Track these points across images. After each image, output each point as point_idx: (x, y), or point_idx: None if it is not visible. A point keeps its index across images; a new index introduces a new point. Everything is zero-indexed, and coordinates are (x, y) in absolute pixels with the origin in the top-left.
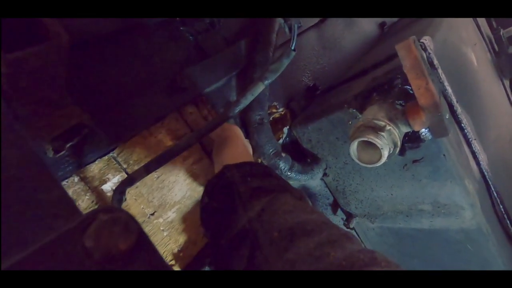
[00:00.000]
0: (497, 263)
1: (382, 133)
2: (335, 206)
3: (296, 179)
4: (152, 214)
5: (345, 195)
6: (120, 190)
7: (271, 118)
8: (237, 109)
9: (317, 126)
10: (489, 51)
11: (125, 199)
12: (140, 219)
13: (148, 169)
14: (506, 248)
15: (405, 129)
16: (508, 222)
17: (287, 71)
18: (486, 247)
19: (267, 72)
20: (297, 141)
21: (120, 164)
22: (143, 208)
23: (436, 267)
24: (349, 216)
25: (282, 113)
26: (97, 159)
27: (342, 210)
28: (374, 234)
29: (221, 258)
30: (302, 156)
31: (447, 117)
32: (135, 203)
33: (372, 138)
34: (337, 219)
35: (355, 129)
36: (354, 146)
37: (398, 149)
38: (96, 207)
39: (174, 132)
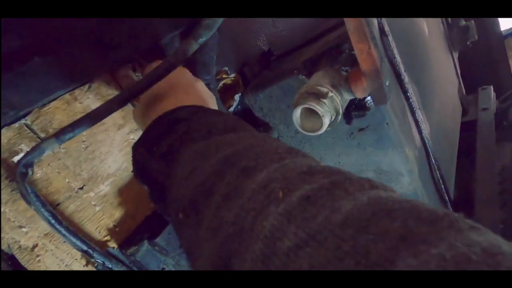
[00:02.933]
0: None
1: (324, 100)
2: None
3: None
4: (81, 188)
5: None
6: (24, 162)
7: (221, 84)
8: (169, 70)
9: (268, 93)
10: (442, 22)
11: (32, 173)
12: (65, 194)
13: (59, 137)
14: None
15: (348, 96)
16: (443, 187)
17: (240, 34)
18: None
19: (200, 28)
20: (250, 110)
21: (35, 133)
22: (68, 182)
23: None
24: None
25: (234, 79)
26: (3, 126)
27: None
28: None
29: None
30: (255, 125)
31: (387, 84)
32: (58, 176)
33: (313, 105)
34: None
35: (299, 95)
36: (297, 113)
37: (340, 117)
38: (6, 181)
39: (105, 98)
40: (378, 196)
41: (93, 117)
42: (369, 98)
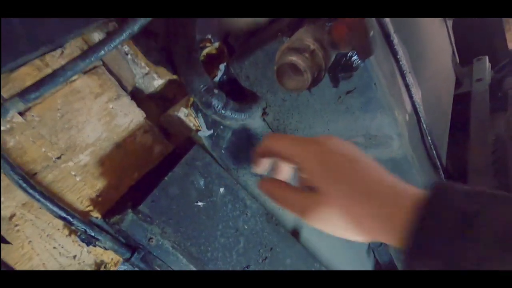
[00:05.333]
0: (419, 187)
1: (306, 55)
2: None
3: (232, 118)
4: (59, 158)
5: (286, 134)
6: None
7: (204, 53)
8: (137, 26)
9: (253, 60)
10: None
11: None
12: (43, 163)
13: (23, 96)
14: (429, 175)
15: (331, 50)
16: (434, 152)
17: None
18: (410, 174)
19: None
20: (236, 80)
21: (5, 100)
22: (45, 151)
23: None
24: None
25: (218, 48)
26: None
27: None
28: None
29: None
30: (243, 95)
31: (371, 35)
32: (33, 145)
33: (294, 60)
34: None
35: (280, 52)
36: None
37: (324, 73)
38: None
39: None
40: None
41: (59, 75)
42: (355, 57)
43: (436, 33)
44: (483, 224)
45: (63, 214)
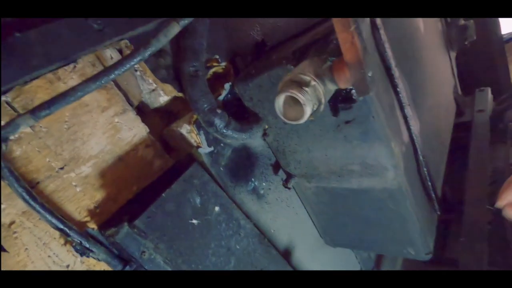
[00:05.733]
0: (413, 219)
1: (306, 89)
2: (276, 166)
3: (233, 137)
4: (62, 168)
5: (285, 155)
6: None
7: (211, 72)
8: (148, 52)
9: (257, 83)
10: (441, 21)
11: (6, 148)
12: (46, 173)
13: (34, 113)
14: (423, 207)
15: (331, 86)
16: (430, 184)
17: (233, 23)
18: (404, 206)
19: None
20: (239, 99)
21: (16, 111)
22: (49, 161)
23: (362, 224)
24: (288, 176)
25: (225, 67)
26: None
27: (284, 170)
28: (311, 193)
29: None
30: (245, 115)
31: (369, 75)
32: (39, 155)
33: (295, 93)
34: (278, 179)
35: (282, 83)
36: (279, 101)
37: (323, 107)
38: None
39: None
40: None
41: (70, 95)
42: (354, 91)
43: (439, 65)
44: None
45: (61, 226)
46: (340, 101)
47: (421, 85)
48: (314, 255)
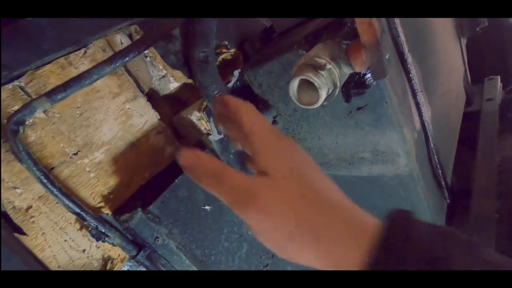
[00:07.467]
0: (423, 206)
1: (322, 72)
2: None
3: None
4: (75, 154)
5: None
6: (15, 120)
7: (220, 59)
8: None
9: (267, 69)
10: None
11: (23, 131)
12: (60, 159)
13: (50, 96)
14: (433, 194)
15: (347, 70)
16: (440, 172)
17: None
18: (415, 192)
19: None
20: (249, 86)
21: (29, 95)
22: (63, 146)
23: (373, 211)
24: None
25: (234, 54)
26: None
27: None
28: None
29: None
30: (255, 102)
31: (387, 57)
32: (53, 140)
33: (310, 76)
34: None
35: (296, 67)
36: (294, 85)
37: (337, 91)
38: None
39: None
40: None
41: (86, 78)
42: (369, 75)
43: (450, 52)
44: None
45: (78, 210)
46: (352, 86)
47: (433, 72)
48: None
